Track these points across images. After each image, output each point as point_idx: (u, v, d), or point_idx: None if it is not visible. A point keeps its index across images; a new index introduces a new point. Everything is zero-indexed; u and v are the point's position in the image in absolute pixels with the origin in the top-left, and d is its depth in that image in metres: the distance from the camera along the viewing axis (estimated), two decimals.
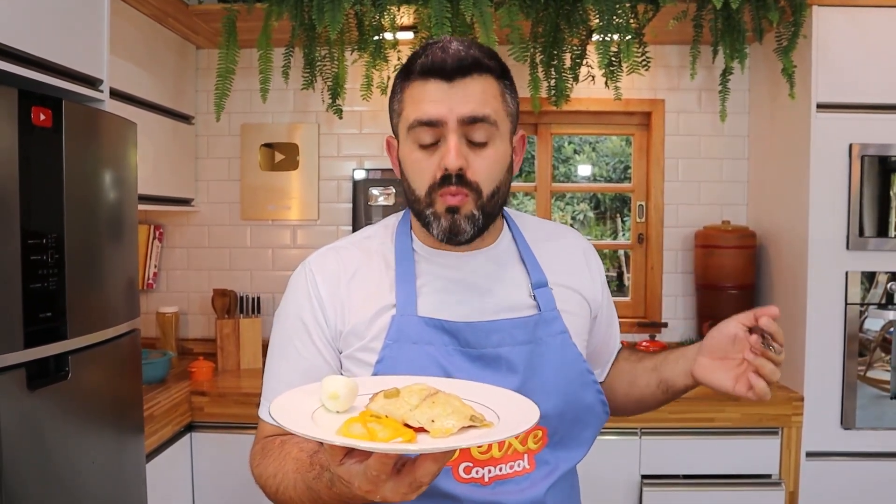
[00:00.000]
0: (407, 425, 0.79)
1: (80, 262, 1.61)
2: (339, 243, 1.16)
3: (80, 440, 1.63)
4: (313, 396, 0.88)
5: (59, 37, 1.66)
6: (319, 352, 1.08)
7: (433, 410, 0.79)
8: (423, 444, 0.76)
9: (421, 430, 0.78)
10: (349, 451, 0.77)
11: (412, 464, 0.76)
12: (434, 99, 0.99)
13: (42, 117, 1.45)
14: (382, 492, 0.76)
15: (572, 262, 1.17)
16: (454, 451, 0.76)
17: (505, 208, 1.15)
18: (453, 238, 1.03)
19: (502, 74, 1.04)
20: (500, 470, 1.03)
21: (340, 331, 1.08)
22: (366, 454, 0.76)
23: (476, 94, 0.99)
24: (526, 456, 1.05)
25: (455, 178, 0.99)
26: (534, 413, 0.83)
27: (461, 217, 1.01)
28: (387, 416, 0.79)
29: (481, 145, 1.01)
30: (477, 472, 1.02)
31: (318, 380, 0.96)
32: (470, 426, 0.80)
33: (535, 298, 1.09)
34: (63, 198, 1.53)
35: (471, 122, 0.98)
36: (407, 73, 1.03)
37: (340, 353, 1.09)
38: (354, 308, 1.07)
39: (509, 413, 0.85)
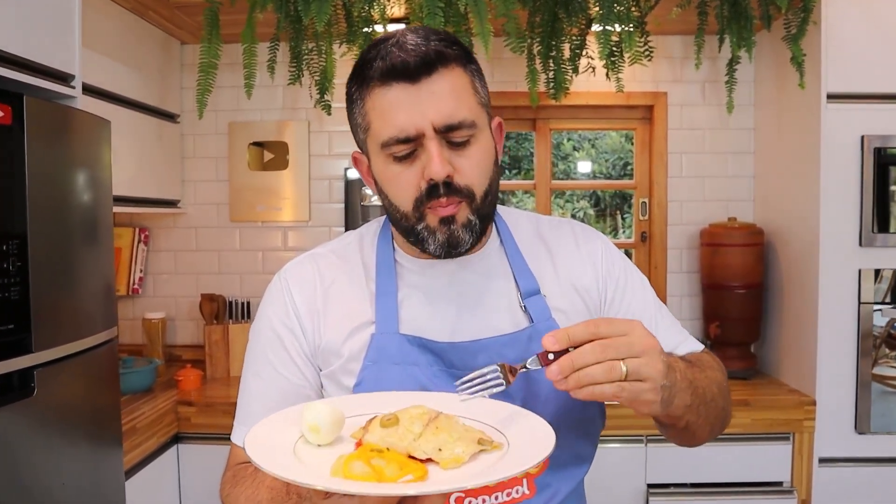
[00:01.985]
0: (411, 457, 0.72)
1: (48, 268, 1.51)
2: (316, 250, 1.07)
3: (50, 460, 1.53)
4: (294, 425, 0.78)
5: (23, 28, 1.55)
6: (298, 368, 1.00)
7: (438, 438, 0.72)
8: (435, 478, 0.69)
9: (428, 460, 0.72)
10: None
11: (413, 498, 0.69)
12: (402, 106, 0.88)
13: (0, 114, 1.34)
14: None
15: (564, 255, 1.06)
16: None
17: None
18: (452, 251, 0.93)
19: (468, 59, 0.94)
20: (497, 498, 0.94)
21: (318, 345, 0.99)
22: None
23: (446, 95, 0.88)
24: (525, 481, 0.96)
25: (443, 187, 0.89)
26: (547, 431, 0.76)
27: (458, 227, 0.92)
28: (388, 449, 0.72)
29: (463, 144, 0.91)
30: (470, 502, 0.93)
31: (296, 399, 0.89)
32: (480, 451, 0.73)
33: (525, 310, 0.99)
34: (26, 200, 1.42)
35: (447, 129, 0.89)
36: (363, 79, 0.91)
37: (320, 370, 1.00)
38: (331, 322, 0.99)
39: (515, 430, 0.78)
